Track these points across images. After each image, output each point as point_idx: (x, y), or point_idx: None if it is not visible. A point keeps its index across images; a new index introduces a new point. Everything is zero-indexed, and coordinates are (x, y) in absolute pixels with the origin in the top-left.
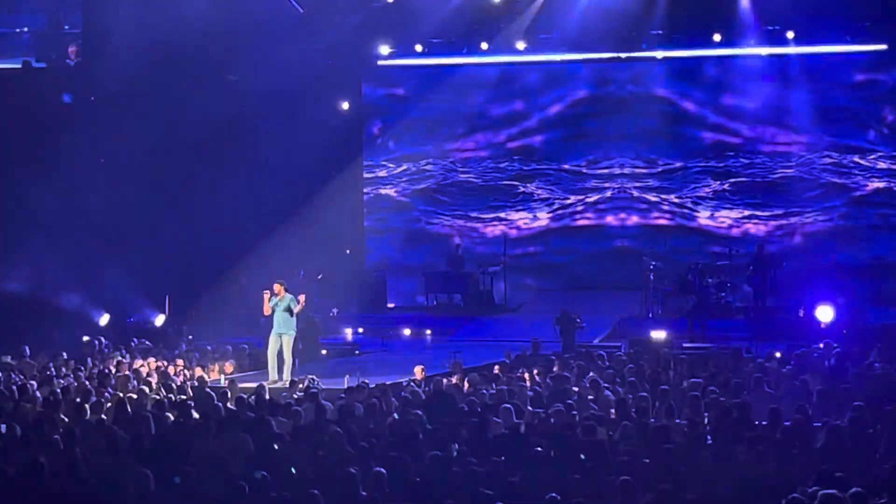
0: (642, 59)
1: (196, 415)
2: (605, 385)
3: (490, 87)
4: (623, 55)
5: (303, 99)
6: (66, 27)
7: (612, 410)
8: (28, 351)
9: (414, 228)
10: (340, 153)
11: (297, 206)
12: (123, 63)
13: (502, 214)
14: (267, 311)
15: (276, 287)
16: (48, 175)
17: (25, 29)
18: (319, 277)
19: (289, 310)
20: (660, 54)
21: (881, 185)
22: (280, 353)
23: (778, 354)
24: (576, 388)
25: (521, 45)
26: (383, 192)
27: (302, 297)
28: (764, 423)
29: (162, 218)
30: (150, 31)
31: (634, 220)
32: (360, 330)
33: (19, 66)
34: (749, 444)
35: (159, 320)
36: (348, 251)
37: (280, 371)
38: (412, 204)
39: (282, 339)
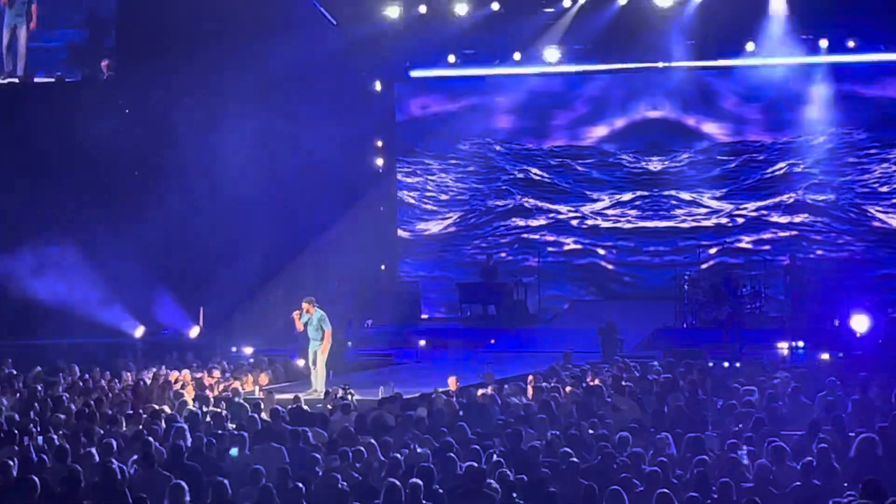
0: (673, 69)
1: (231, 426)
2: (640, 395)
3: (521, 96)
4: (657, 65)
5: (335, 111)
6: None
7: (646, 421)
8: (63, 363)
9: (447, 239)
10: (375, 164)
11: (331, 218)
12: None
13: (534, 224)
14: (300, 328)
15: (305, 305)
16: (81, 187)
17: (60, 44)
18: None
19: (319, 327)
20: (690, 64)
21: None
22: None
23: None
24: (609, 399)
25: (552, 57)
26: (417, 202)
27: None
28: (801, 432)
29: (196, 231)
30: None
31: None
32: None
33: (53, 80)
34: (786, 455)
35: (194, 332)
36: (383, 267)
37: (314, 381)
38: (445, 215)
39: (314, 351)
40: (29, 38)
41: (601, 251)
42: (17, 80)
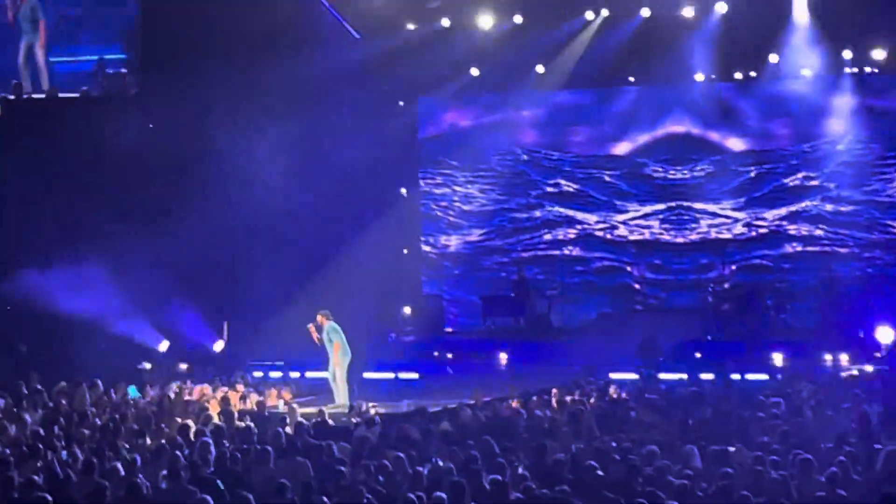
0: (696, 82)
1: (255, 440)
2: (665, 408)
3: (545, 110)
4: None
5: (359, 124)
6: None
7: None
8: (88, 377)
9: (472, 253)
10: (396, 178)
11: (355, 231)
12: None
13: (561, 236)
14: (317, 340)
15: (319, 317)
16: (107, 202)
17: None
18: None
19: (329, 339)
20: (713, 77)
21: None
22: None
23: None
24: (633, 413)
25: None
26: (442, 216)
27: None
28: (829, 445)
29: (220, 245)
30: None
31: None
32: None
33: (78, 95)
34: (810, 468)
35: (218, 346)
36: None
37: (337, 395)
38: (470, 229)
39: (330, 365)
40: (47, 55)
41: (627, 268)
42: (43, 96)
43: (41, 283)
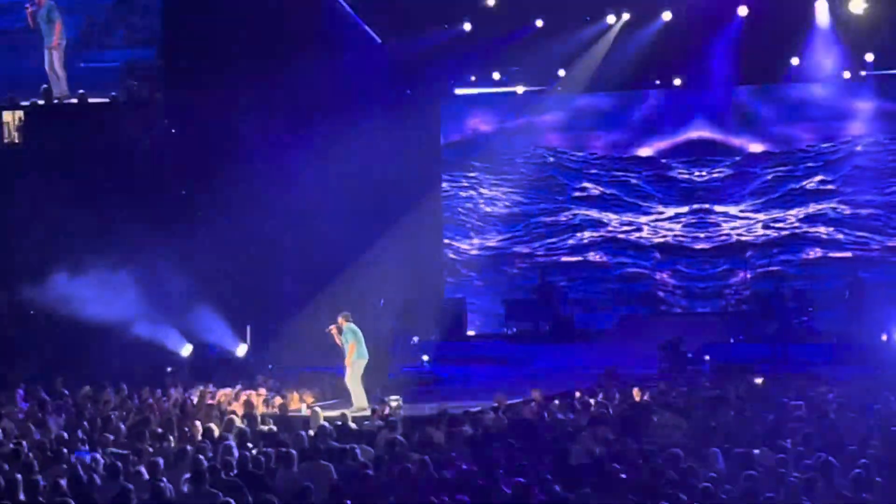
0: (717, 85)
1: (278, 443)
2: (688, 411)
3: (567, 113)
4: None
5: (381, 127)
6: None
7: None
8: (112, 381)
9: (494, 257)
10: (419, 181)
11: (378, 234)
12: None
13: (585, 240)
14: (339, 343)
15: (340, 319)
16: (131, 206)
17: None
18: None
19: (346, 341)
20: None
21: None
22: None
23: None
24: (655, 418)
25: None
26: (465, 219)
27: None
28: (852, 447)
29: (243, 249)
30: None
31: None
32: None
33: (108, 100)
34: (833, 470)
35: (241, 350)
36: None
37: (356, 398)
38: (492, 232)
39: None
40: (64, 58)
41: (650, 273)
42: (73, 101)
43: (66, 287)
